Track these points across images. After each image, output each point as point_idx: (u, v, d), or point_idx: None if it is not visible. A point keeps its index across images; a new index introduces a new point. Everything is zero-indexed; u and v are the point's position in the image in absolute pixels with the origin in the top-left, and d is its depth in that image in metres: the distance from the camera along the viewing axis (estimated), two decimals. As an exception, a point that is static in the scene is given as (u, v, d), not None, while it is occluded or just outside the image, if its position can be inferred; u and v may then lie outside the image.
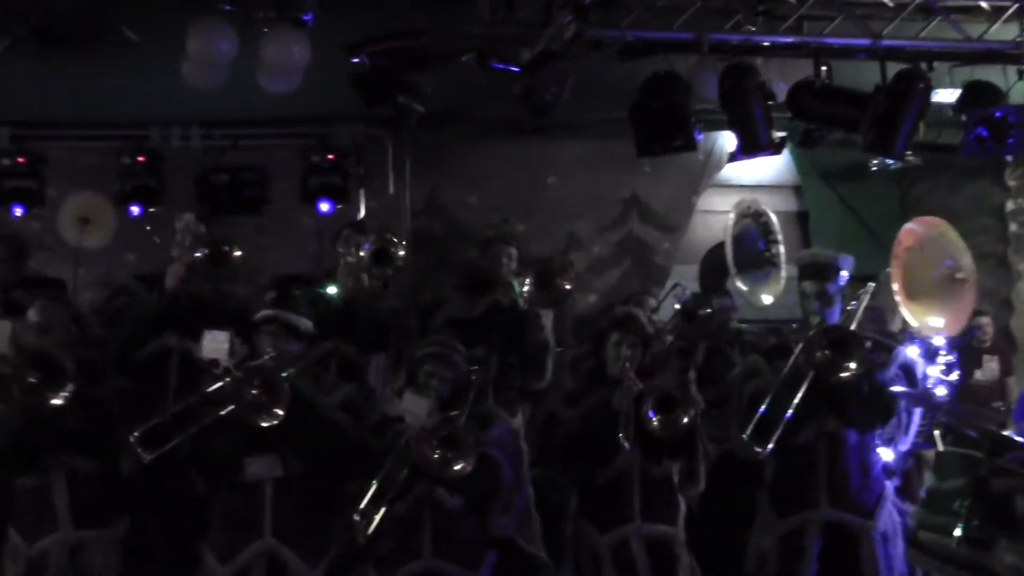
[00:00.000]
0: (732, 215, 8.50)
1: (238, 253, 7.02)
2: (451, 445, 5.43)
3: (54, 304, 6.24)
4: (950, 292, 6.65)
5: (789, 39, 8.40)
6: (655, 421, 5.88)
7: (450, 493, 5.54)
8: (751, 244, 8.58)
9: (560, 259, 8.96)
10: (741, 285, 8.39)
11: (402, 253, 7.43)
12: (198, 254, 6.86)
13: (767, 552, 6.08)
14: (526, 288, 7.55)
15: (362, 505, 5.29)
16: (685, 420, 5.89)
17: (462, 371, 5.93)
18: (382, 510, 5.32)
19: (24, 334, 5.97)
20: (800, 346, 5.96)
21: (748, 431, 5.80)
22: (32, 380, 5.54)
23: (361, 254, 7.31)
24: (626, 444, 5.91)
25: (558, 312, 8.54)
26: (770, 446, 5.77)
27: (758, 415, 5.79)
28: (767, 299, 8.64)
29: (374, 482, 5.36)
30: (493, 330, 7.25)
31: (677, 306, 7.90)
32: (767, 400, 5.83)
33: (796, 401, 5.81)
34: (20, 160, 9.58)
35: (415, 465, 5.44)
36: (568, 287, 7.36)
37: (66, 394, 5.55)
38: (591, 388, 6.41)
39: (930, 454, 6.75)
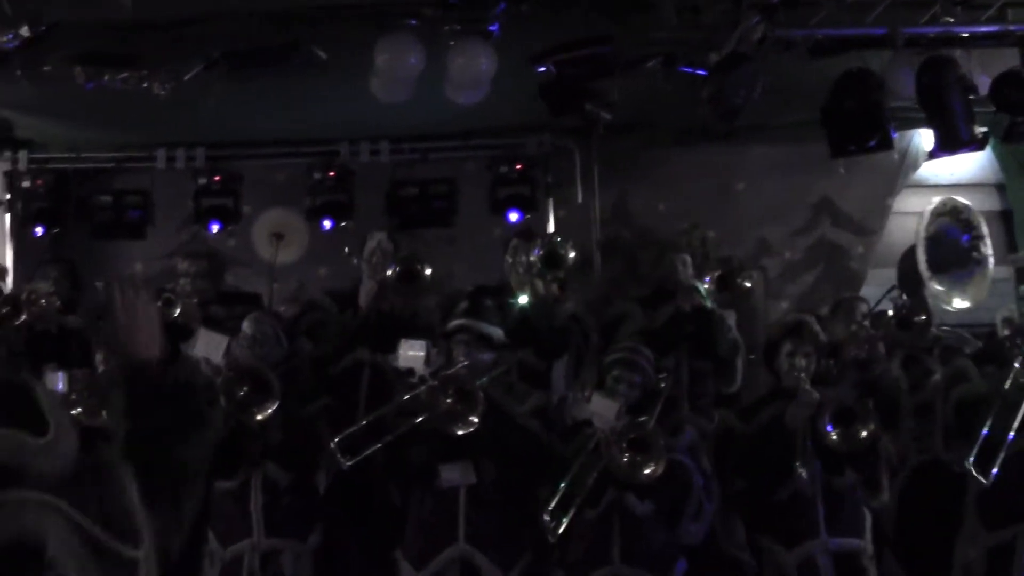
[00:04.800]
0: (926, 214, 8.23)
1: (429, 271, 7.09)
2: (640, 448, 5.37)
3: (266, 318, 6.40)
4: None
5: (991, 28, 8.02)
6: (833, 435, 5.68)
7: (639, 499, 5.48)
8: (951, 243, 8.31)
9: (740, 259, 8.76)
10: (938, 287, 8.11)
11: (572, 255, 7.38)
12: (389, 272, 6.97)
13: (973, 565, 5.84)
14: (705, 285, 7.41)
15: (552, 506, 5.26)
16: (864, 434, 5.67)
17: (650, 376, 5.88)
18: (572, 511, 5.28)
19: (237, 349, 6.13)
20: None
21: (971, 458, 5.54)
22: (241, 394, 5.70)
23: (532, 259, 7.31)
24: (803, 473, 5.74)
25: (748, 318, 8.40)
26: (995, 471, 5.52)
27: (981, 439, 5.52)
28: (961, 303, 8.34)
29: (563, 484, 5.33)
30: (679, 338, 7.18)
31: (891, 312, 7.67)
32: (988, 421, 5.56)
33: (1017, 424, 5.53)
34: (216, 179, 9.92)
35: (605, 470, 5.38)
36: (748, 285, 7.19)
37: (270, 410, 5.69)
38: (766, 402, 6.25)
39: None
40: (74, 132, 9.88)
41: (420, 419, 5.45)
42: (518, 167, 9.73)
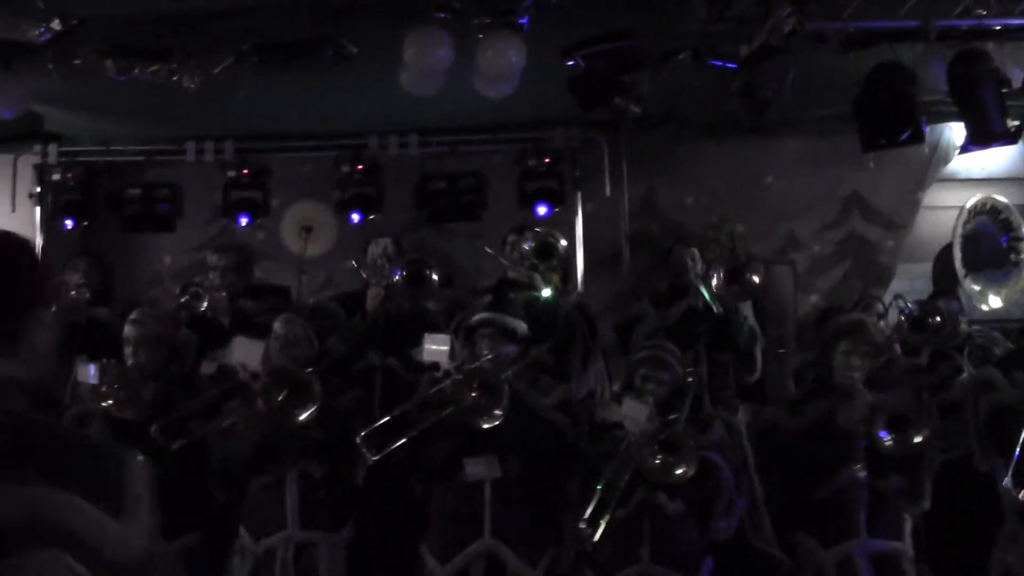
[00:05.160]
0: (964, 212, 8.15)
1: (436, 275, 7.15)
2: (672, 450, 5.35)
3: (297, 319, 6.41)
4: None
5: (1024, 21, 7.98)
6: (887, 440, 5.63)
7: (670, 498, 5.45)
8: (988, 242, 8.25)
9: (749, 252, 8.70)
10: (973, 286, 8.04)
11: (563, 244, 7.43)
12: (396, 277, 7.00)
13: (1013, 568, 5.76)
14: (714, 282, 7.35)
15: (587, 513, 5.25)
16: (918, 440, 5.62)
17: (678, 373, 5.86)
18: (607, 517, 5.26)
19: (274, 355, 6.15)
20: None
21: (1008, 477, 5.48)
22: (280, 398, 5.72)
23: (524, 249, 7.33)
24: (861, 475, 5.71)
25: (777, 312, 8.37)
26: None
27: (1016, 459, 5.46)
28: (997, 302, 8.29)
29: (598, 488, 5.31)
30: (695, 334, 7.15)
31: (901, 317, 7.64)
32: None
33: None
34: (245, 172, 9.95)
35: (636, 470, 5.37)
36: (757, 280, 7.14)
37: (311, 412, 5.70)
38: (815, 397, 6.20)
39: None
40: (104, 125, 9.93)
41: (446, 413, 5.44)
42: (546, 161, 9.73)
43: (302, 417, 5.69)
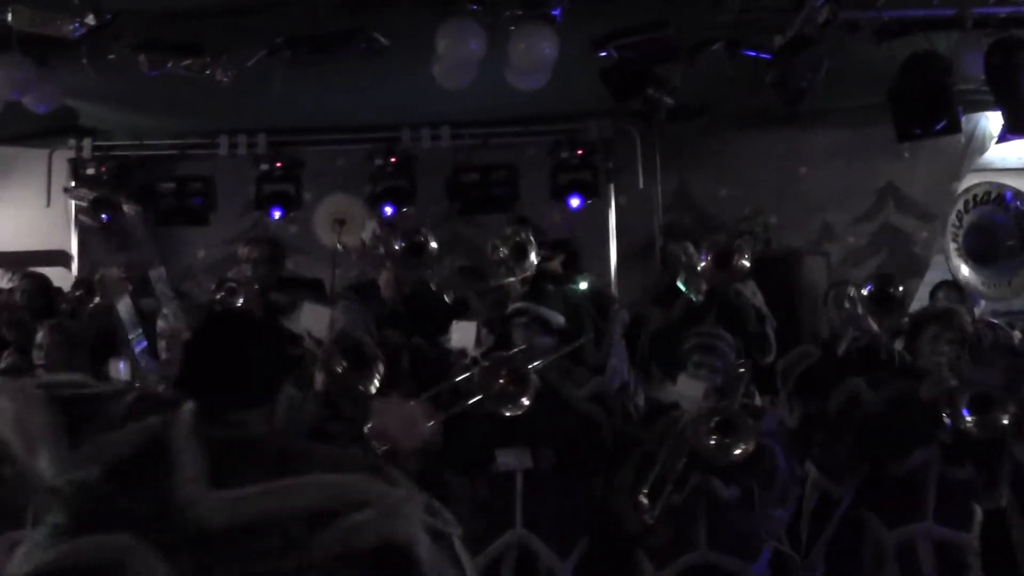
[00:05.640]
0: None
1: (434, 244, 7.12)
2: (728, 430, 5.30)
3: (354, 307, 6.38)
4: None
5: (1063, 8, 7.91)
6: (969, 420, 5.55)
7: (725, 483, 5.41)
8: (997, 232, 8.21)
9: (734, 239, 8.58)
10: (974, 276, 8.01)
11: (533, 241, 7.30)
12: (396, 247, 7.00)
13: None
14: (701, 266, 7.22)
15: (646, 489, 5.21)
16: (1004, 421, 5.49)
17: (731, 361, 5.81)
18: (666, 495, 5.23)
19: (340, 321, 6.07)
20: None
21: None
22: (340, 369, 5.55)
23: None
24: (935, 458, 5.62)
25: (811, 304, 8.32)
26: None
27: None
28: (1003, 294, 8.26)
29: (654, 469, 5.28)
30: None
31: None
32: None
33: None
34: (278, 165, 9.98)
35: (692, 453, 5.32)
36: (747, 265, 7.04)
37: (375, 382, 5.53)
38: (898, 375, 6.11)
39: None
40: (137, 119, 9.98)
41: (473, 401, 5.42)
42: (579, 152, 9.71)
43: (364, 388, 5.56)
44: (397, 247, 7.07)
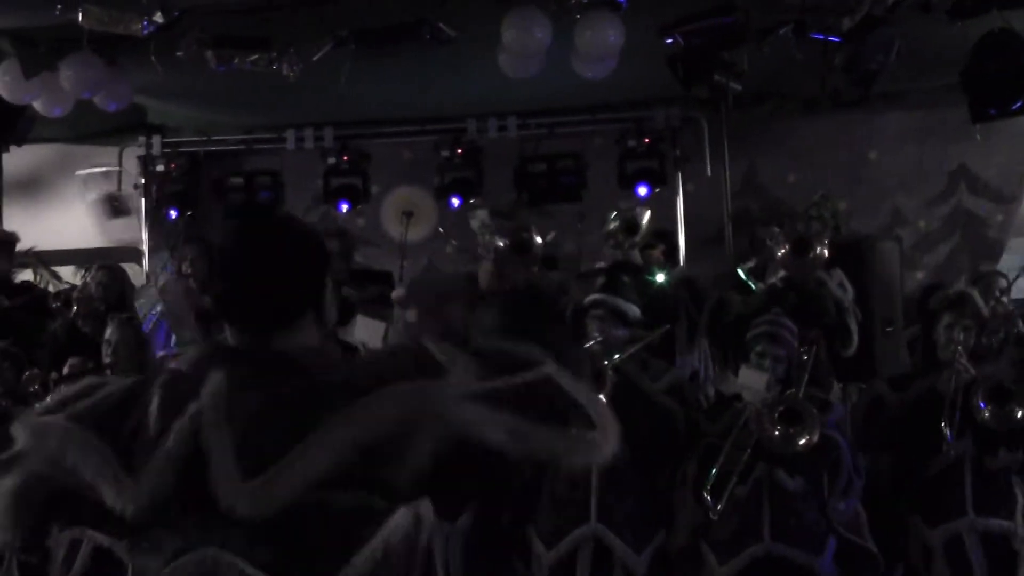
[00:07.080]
0: None
1: (539, 239, 7.06)
2: (793, 420, 5.26)
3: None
4: None
5: None
6: (986, 412, 5.50)
7: (789, 475, 5.37)
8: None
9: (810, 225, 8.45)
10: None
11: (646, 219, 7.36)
12: (500, 244, 6.95)
13: None
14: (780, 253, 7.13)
15: (709, 484, 5.19)
16: (1021, 414, 5.48)
17: (795, 349, 5.76)
18: (730, 487, 5.20)
19: (394, 334, 6.14)
20: None
21: None
22: None
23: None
24: (949, 433, 5.58)
25: (884, 290, 8.20)
26: None
27: None
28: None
29: (719, 460, 5.25)
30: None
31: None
32: None
33: None
34: (344, 158, 10.01)
35: (756, 444, 5.29)
36: (826, 253, 6.93)
37: None
38: (921, 371, 6.08)
39: None
40: (205, 115, 10.08)
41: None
42: (646, 141, 9.64)
43: None
44: (501, 243, 7.05)
